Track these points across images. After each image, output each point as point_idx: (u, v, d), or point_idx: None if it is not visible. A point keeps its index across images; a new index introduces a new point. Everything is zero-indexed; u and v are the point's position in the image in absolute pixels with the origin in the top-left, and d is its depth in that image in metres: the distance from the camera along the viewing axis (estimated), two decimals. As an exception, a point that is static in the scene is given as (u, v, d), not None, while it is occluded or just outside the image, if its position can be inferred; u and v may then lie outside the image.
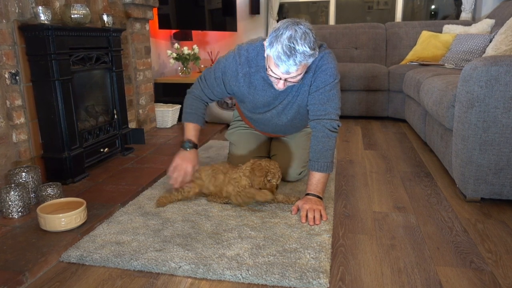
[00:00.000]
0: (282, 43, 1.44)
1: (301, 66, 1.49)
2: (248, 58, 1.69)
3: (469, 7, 3.94)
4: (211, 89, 1.81)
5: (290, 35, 1.43)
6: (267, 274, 1.21)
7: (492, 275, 1.24)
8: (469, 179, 1.71)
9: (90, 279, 1.24)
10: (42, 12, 1.79)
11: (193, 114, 1.83)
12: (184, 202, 1.77)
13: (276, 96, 1.74)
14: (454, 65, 3.14)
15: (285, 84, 1.57)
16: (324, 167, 1.65)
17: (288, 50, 1.43)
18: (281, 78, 1.54)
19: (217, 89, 1.80)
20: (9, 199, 1.56)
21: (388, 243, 1.43)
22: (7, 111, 1.77)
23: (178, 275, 1.25)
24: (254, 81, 1.72)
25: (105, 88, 2.36)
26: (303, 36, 1.43)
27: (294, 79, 1.56)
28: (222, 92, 1.81)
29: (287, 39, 1.43)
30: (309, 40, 1.45)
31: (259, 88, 1.72)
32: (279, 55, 1.45)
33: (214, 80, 1.78)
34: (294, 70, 1.49)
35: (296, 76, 1.54)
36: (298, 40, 1.42)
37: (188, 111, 1.84)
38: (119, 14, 2.60)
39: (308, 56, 1.46)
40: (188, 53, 3.56)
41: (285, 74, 1.51)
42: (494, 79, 1.57)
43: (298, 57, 1.44)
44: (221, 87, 1.78)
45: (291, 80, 1.56)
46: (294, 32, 1.43)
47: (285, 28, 1.45)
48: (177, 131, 3.10)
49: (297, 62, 1.45)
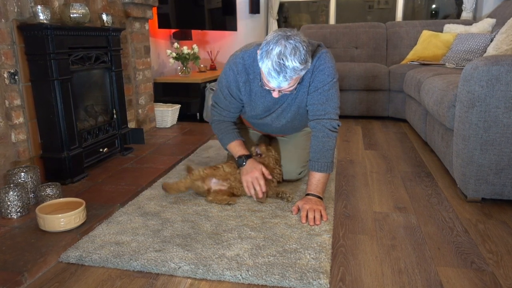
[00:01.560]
0: (272, 59, 1.43)
1: (293, 80, 1.50)
2: (244, 65, 1.68)
3: (470, 7, 3.94)
4: (227, 110, 1.81)
5: (280, 51, 1.41)
6: (267, 275, 1.21)
7: (493, 275, 1.23)
8: (470, 179, 1.70)
9: (89, 280, 1.23)
10: (41, 11, 1.79)
11: (226, 135, 1.82)
12: (184, 202, 1.77)
13: (276, 101, 1.74)
14: (455, 65, 3.13)
15: (280, 93, 1.58)
16: (324, 167, 1.65)
17: (278, 66, 1.42)
18: (274, 90, 1.55)
19: (231, 106, 1.80)
20: (8, 199, 1.56)
21: (389, 244, 1.43)
22: (6, 111, 1.76)
23: (177, 276, 1.25)
24: (253, 88, 1.72)
25: (105, 88, 2.36)
26: (292, 51, 1.41)
27: (288, 89, 1.56)
28: (237, 106, 1.80)
29: (277, 56, 1.42)
30: (300, 54, 1.43)
31: (258, 94, 1.72)
32: (269, 71, 1.45)
33: (224, 100, 1.78)
34: (285, 85, 1.50)
35: (290, 87, 1.55)
36: (288, 56, 1.41)
37: (221, 137, 1.84)
38: (118, 13, 2.60)
39: (299, 71, 1.46)
40: (187, 53, 3.55)
41: (277, 87, 1.52)
42: (495, 79, 1.57)
43: (289, 73, 1.44)
44: (234, 103, 1.78)
45: (285, 90, 1.57)
46: (284, 48, 1.41)
47: (275, 43, 1.43)
48: (177, 131, 3.10)
49: (287, 77, 1.46)
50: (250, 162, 1.75)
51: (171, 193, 1.80)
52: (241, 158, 1.76)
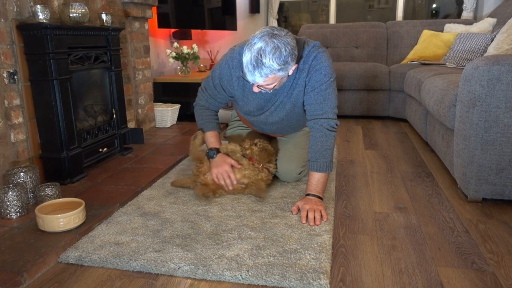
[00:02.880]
0: (252, 53, 1.45)
1: (269, 79, 1.50)
2: (240, 61, 1.68)
3: (470, 6, 3.93)
4: (213, 98, 1.85)
5: (260, 48, 1.43)
6: (267, 275, 1.20)
7: (494, 276, 1.23)
8: (470, 179, 1.70)
9: (88, 280, 1.23)
10: (40, 11, 1.78)
11: (207, 123, 1.89)
12: (183, 202, 1.76)
13: (269, 99, 1.74)
14: (455, 64, 3.13)
15: (259, 89, 1.59)
16: (323, 167, 1.64)
17: (255, 61, 1.44)
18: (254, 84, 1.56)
19: (219, 96, 1.83)
20: (7, 199, 1.55)
21: (389, 244, 1.42)
22: (5, 111, 1.76)
23: (177, 276, 1.24)
24: (247, 84, 1.72)
25: (104, 88, 2.35)
26: (273, 50, 1.42)
27: (267, 87, 1.56)
28: (225, 98, 1.84)
29: (256, 51, 1.44)
30: (279, 55, 1.43)
31: (251, 91, 1.72)
32: (247, 64, 1.47)
33: (214, 89, 1.81)
34: (261, 81, 1.50)
35: (267, 85, 1.54)
36: (267, 54, 1.43)
37: (200, 123, 1.90)
38: (118, 13, 2.59)
39: (276, 71, 1.46)
40: (187, 52, 3.55)
41: (252, 82, 1.53)
42: (495, 79, 1.56)
43: (264, 70, 1.45)
44: (222, 94, 1.81)
45: (263, 87, 1.57)
46: (265, 44, 1.43)
47: (259, 38, 1.45)
48: (176, 131, 3.09)
49: (262, 74, 1.46)
50: (220, 155, 1.82)
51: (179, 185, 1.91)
52: (212, 151, 1.83)
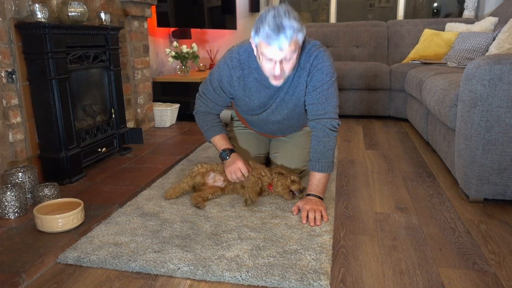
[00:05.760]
0: (268, 23, 1.44)
1: (293, 42, 1.46)
2: (239, 60, 1.68)
3: (472, 5, 3.92)
4: (214, 102, 1.82)
5: (274, 14, 1.44)
6: (267, 276, 1.20)
7: (495, 276, 1.22)
8: (472, 179, 1.69)
9: (87, 281, 1.22)
10: (38, 10, 1.77)
11: (212, 128, 1.85)
12: (183, 202, 1.75)
13: (271, 96, 1.73)
14: (456, 64, 3.12)
15: (281, 68, 1.51)
16: (325, 167, 1.63)
17: (276, 27, 1.43)
18: (276, 62, 1.49)
19: (219, 99, 1.81)
20: (5, 199, 1.54)
21: (390, 244, 1.41)
22: (4, 110, 1.75)
23: (176, 277, 1.23)
24: (248, 83, 1.70)
25: (103, 87, 2.34)
26: (286, 12, 1.44)
27: (289, 62, 1.51)
28: (225, 100, 1.82)
29: (272, 18, 1.43)
30: (293, 15, 1.46)
31: (253, 89, 1.71)
32: (268, 35, 1.44)
33: (213, 92, 1.79)
34: (286, 46, 1.44)
35: (290, 57, 1.49)
36: (283, 17, 1.43)
37: (206, 129, 1.86)
38: (117, 12, 2.58)
39: (297, 30, 1.45)
40: (187, 52, 3.54)
41: (279, 52, 1.46)
42: (497, 78, 1.55)
43: (288, 31, 1.43)
44: (222, 96, 1.79)
45: (286, 63, 1.51)
46: (276, 11, 1.44)
47: (266, 11, 1.47)
48: (176, 131, 3.08)
49: (288, 36, 1.43)
50: (233, 155, 1.79)
51: (176, 196, 1.80)
52: (225, 151, 1.80)
